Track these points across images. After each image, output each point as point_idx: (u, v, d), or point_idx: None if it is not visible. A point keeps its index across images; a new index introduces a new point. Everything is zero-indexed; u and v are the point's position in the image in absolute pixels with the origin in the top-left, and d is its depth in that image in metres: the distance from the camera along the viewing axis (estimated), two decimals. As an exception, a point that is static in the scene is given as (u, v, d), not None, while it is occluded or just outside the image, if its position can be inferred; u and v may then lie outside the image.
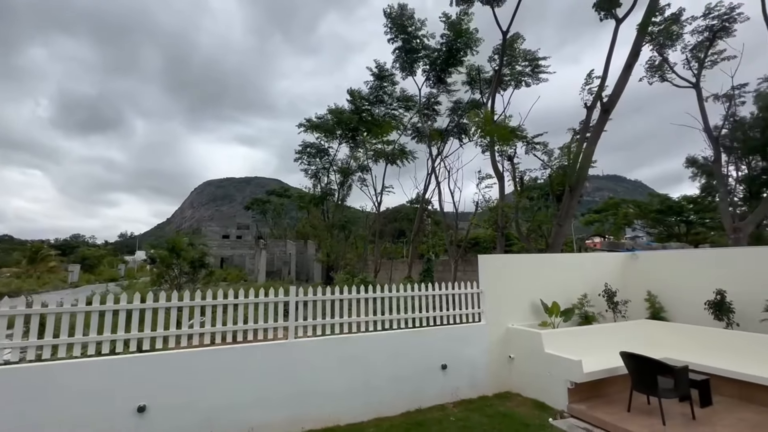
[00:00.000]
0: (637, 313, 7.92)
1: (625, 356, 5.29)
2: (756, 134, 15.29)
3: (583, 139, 11.00)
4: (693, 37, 14.30)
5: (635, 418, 5.02)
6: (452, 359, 6.28)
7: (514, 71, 15.56)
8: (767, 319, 6.15)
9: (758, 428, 4.68)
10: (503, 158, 12.49)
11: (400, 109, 20.71)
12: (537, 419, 5.39)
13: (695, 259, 7.90)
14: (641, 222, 26.36)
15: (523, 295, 7.33)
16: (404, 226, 31.59)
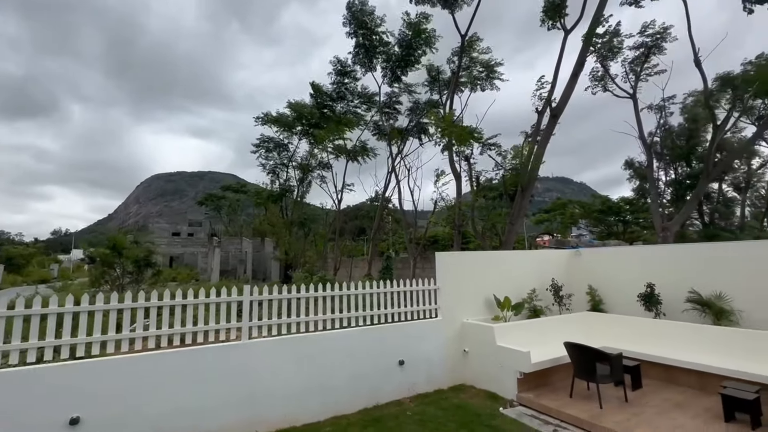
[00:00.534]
0: (580, 306, 8.51)
1: (568, 346, 5.67)
2: (682, 143, 17.04)
3: (534, 142, 11.64)
4: (631, 51, 15.63)
5: (576, 403, 5.40)
6: (409, 355, 6.38)
7: (471, 75, 16.09)
8: (688, 309, 6.87)
9: (680, 407, 5.21)
10: (461, 158, 12.92)
11: (362, 107, 20.66)
12: (489, 409, 5.62)
13: (629, 256, 8.62)
14: (585, 221, 28.23)
15: (477, 291, 7.60)
16: (365, 224, 31.61)
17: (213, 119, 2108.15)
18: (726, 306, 6.47)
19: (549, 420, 5.19)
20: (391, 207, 26.05)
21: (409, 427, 5.07)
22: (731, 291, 6.49)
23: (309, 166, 22.44)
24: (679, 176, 17.69)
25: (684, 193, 17.01)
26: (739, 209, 17.52)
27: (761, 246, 6.87)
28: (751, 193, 17.52)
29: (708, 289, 6.73)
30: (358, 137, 21.07)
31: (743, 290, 6.37)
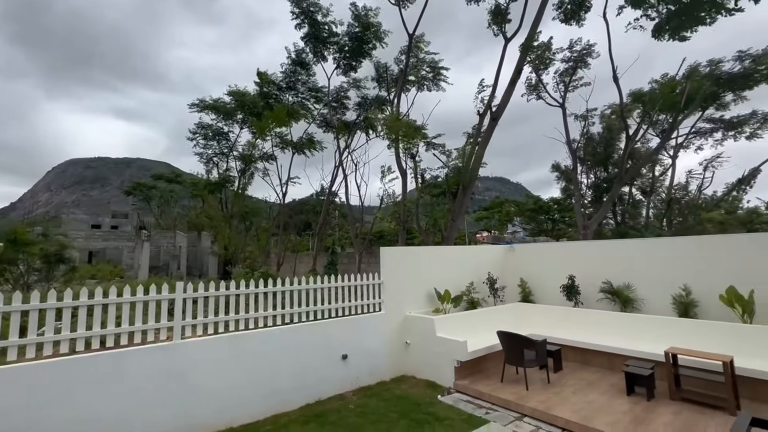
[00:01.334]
0: (512, 297, 9.18)
1: (500, 335, 6.11)
2: (601, 150, 19.08)
3: (475, 142, 12.27)
4: (561, 64, 17.08)
5: (507, 387, 5.85)
6: (353, 349, 6.43)
7: (418, 75, 16.47)
8: (602, 299, 7.74)
9: (592, 385, 5.87)
10: (406, 156, 13.20)
11: (311, 99, 20.15)
12: (428, 398, 5.87)
13: (554, 251, 9.46)
14: (519, 219, 30.21)
15: (420, 285, 7.87)
16: (310, 219, 30.96)
17: (143, 100, 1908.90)
18: (631, 295, 7.39)
19: (482, 404, 5.56)
20: (338, 202, 25.86)
21: (350, 420, 5.13)
22: (636, 281, 7.43)
23: (251, 157, 21.43)
24: (598, 180, 19.76)
25: (602, 195, 19.04)
26: (644, 210, 20.00)
27: (656, 243, 7.93)
28: (654, 197, 20.09)
29: (618, 280, 7.63)
30: (305, 130, 20.58)
31: (644, 280, 7.33)
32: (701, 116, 17.61)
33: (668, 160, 19.39)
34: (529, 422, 4.94)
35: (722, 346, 5.45)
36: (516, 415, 5.14)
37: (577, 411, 4.90)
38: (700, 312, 6.52)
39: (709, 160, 18.85)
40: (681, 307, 6.65)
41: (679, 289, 6.76)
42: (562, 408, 5.01)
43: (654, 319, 6.64)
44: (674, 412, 4.82)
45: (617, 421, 4.58)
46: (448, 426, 4.86)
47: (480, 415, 5.17)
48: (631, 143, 17.45)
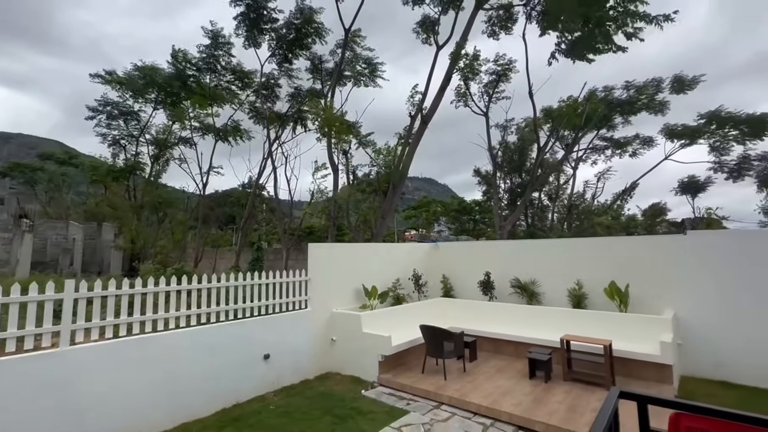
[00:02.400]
0: (435, 293, 9.67)
1: (422, 328, 6.39)
2: (516, 158, 21.04)
3: (406, 143, 12.66)
4: (486, 76, 18.40)
5: (427, 378, 6.14)
6: (276, 348, 6.21)
7: (354, 70, 16.44)
8: (512, 293, 8.54)
9: (501, 371, 6.45)
10: (339, 151, 13.10)
11: (236, 83, 18.80)
12: (352, 393, 5.92)
13: (474, 249, 10.18)
14: (445, 219, 31.81)
15: (348, 281, 7.88)
16: (235, 212, 29.06)
17: (34, 65, 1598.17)
18: (536, 289, 8.27)
19: (404, 395, 5.77)
20: (266, 195, 24.72)
21: (271, 422, 4.96)
22: (540, 277, 8.33)
23: (167, 142, 19.37)
24: (514, 185, 21.75)
25: (516, 199, 20.98)
26: (550, 214, 22.52)
27: (557, 243, 8.99)
28: (558, 203, 22.73)
29: (526, 276, 8.48)
30: (230, 116, 19.20)
31: (547, 276, 8.25)
32: (597, 135, 20.38)
33: (570, 171, 22.11)
34: (446, 410, 5.26)
35: (605, 332, 6.37)
36: (434, 404, 5.44)
37: (487, 396, 5.34)
38: (590, 303, 7.54)
39: (602, 173, 21.92)
40: (575, 299, 7.62)
41: (574, 283, 7.75)
42: (474, 394, 5.42)
43: (553, 311, 7.52)
44: (566, 391, 5.52)
45: (520, 403, 5.10)
46: (371, 419, 4.95)
47: (401, 407, 5.35)
48: (542, 154, 19.51)
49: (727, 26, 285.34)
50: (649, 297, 6.93)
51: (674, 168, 20.36)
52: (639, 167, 25.64)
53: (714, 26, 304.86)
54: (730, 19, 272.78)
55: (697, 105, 19.18)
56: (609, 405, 1.69)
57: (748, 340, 5.97)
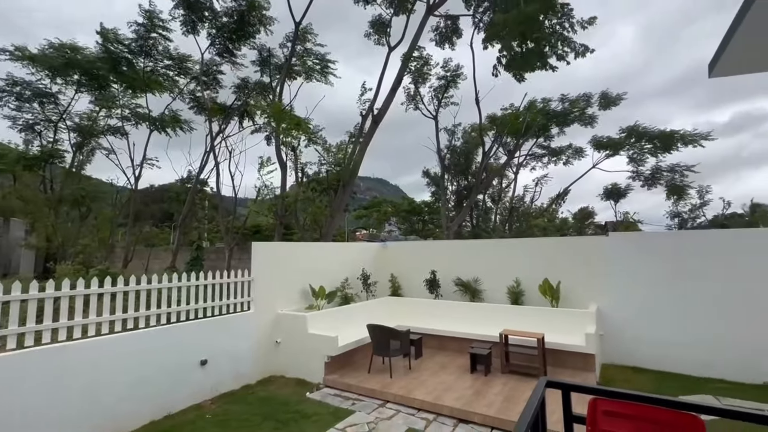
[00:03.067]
0: (383, 292, 9.74)
1: (369, 328, 6.40)
2: (462, 161, 21.94)
3: (357, 142, 12.62)
4: (436, 81, 18.96)
5: (374, 377, 6.16)
6: (215, 353, 5.87)
7: (305, 66, 16.05)
8: (456, 291, 8.85)
9: (445, 367, 6.66)
10: (287, 148, 12.68)
11: (174, 69, 17.42)
12: (296, 396, 5.76)
13: (421, 249, 10.42)
14: (396, 219, 32.21)
15: (294, 281, 7.67)
16: (174, 209, 26.99)
17: None
18: (478, 287, 8.66)
19: (350, 396, 5.74)
20: (209, 191, 23.31)
21: (207, 431, 4.66)
22: (482, 275, 8.73)
23: (93, 130, 17.42)
24: (460, 187, 22.64)
25: (462, 200, 21.85)
26: (493, 216, 23.76)
27: (498, 243, 9.49)
28: (500, 205, 24.05)
29: (469, 274, 8.85)
30: (167, 105, 17.75)
31: (488, 275, 8.67)
32: (535, 143, 21.86)
33: (512, 175, 23.49)
34: (391, 407, 5.31)
35: (539, 325, 6.83)
36: (380, 402, 5.46)
37: (431, 392, 5.48)
38: (526, 299, 8.05)
39: (539, 179, 23.54)
40: (513, 296, 8.10)
41: (512, 281, 8.22)
42: (419, 391, 5.53)
43: (494, 307, 7.92)
44: (503, 383, 5.83)
45: (461, 396, 5.30)
46: (315, 422, 4.86)
47: (347, 407, 5.31)
48: (486, 158, 20.52)
49: (648, 52, 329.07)
50: (577, 293, 7.56)
51: (600, 176, 22.53)
52: (571, 174, 28.03)
53: (638, 51, 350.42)
54: (651, 46, 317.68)
55: (622, 120, 21.25)
56: (537, 394, 1.80)
57: (655, 331, 6.74)
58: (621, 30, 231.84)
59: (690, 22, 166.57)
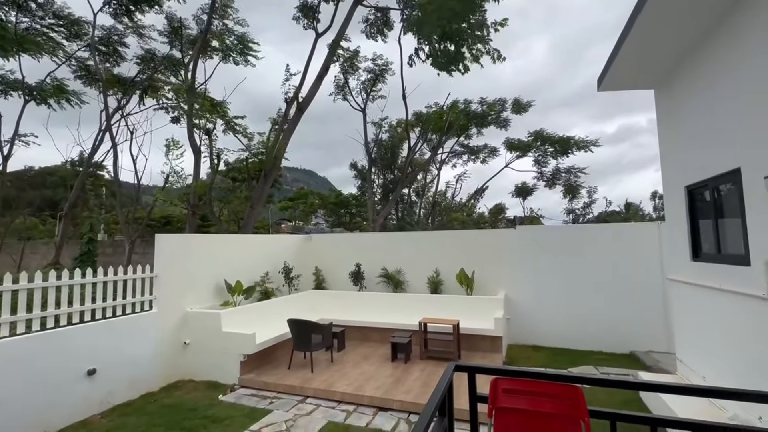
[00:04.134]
0: (307, 285, 9.50)
1: (290, 322, 6.19)
2: (389, 155, 22.38)
3: (281, 129, 12.01)
4: (365, 73, 18.95)
5: (294, 373, 5.97)
6: (107, 359, 5.15)
7: (224, 44, 14.72)
8: (380, 282, 9.00)
9: (367, 358, 6.73)
10: (201, 132, 11.53)
11: (61, 31, 14.66)
12: (207, 400, 5.33)
13: (347, 241, 10.37)
14: (323, 211, 31.69)
15: (208, 277, 7.07)
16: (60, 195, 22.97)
17: None
18: (401, 278, 8.91)
19: (267, 394, 5.49)
20: (106, 176, 20.38)
21: (94, 451, 4.07)
22: (405, 267, 9.00)
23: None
24: (387, 180, 23.07)
25: (388, 193, 22.30)
26: (417, 209, 24.70)
27: (420, 236, 9.87)
28: (424, 199, 25.10)
29: (393, 266, 9.05)
30: (49, 72, 14.86)
31: (411, 266, 8.96)
32: (457, 141, 23.16)
33: (435, 171, 24.62)
34: (311, 402, 5.20)
35: (455, 313, 7.26)
36: (300, 398, 5.32)
37: (352, 383, 5.50)
38: (445, 288, 8.50)
39: (460, 175, 25.05)
40: (433, 285, 8.49)
41: (432, 272, 8.62)
42: (340, 383, 5.51)
43: (415, 297, 8.22)
44: (422, 369, 6.09)
45: (382, 385, 5.40)
46: (227, 426, 4.54)
47: (263, 407, 5.07)
48: (412, 153, 21.17)
49: (556, 66, 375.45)
50: (489, 281, 8.20)
51: (512, 175, 24.79)
52: (488, 172, 30.32)
53: (549, 64, 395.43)
54: (559, 61, 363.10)
55: (534, 124, 23.48)
56: (445, 378, 1.86)
57: (550, 313, 7.63)
58: (536, 44, 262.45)
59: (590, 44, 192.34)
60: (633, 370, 5.98)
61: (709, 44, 3.90)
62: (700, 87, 4.14)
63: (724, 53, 3.64)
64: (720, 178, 3.81)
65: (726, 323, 3.80)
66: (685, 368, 4.80)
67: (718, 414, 3.67)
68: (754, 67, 3.20)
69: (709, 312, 4.13)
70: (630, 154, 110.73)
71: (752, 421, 3.25)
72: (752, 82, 3.23)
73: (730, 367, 3.78)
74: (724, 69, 3.67)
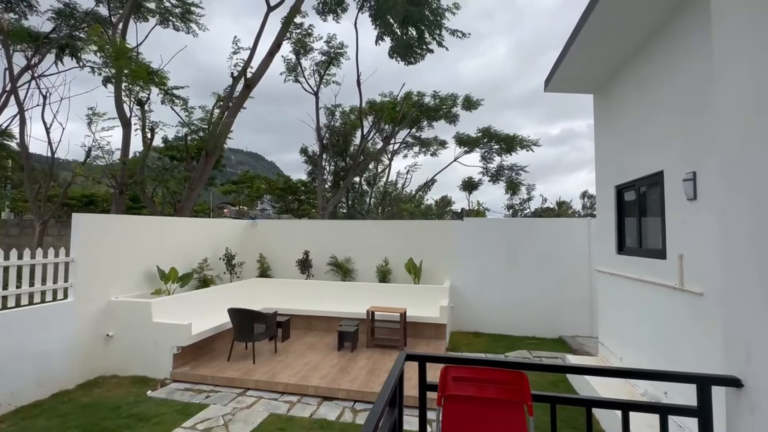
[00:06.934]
0: (251, 273, 9.06)
1: (231, 312, 5.84)
2: (341, 142, 22.00)
3: (225, 107, 11.17)
4: (319, 55, 18.27)
5: (233, 365, 5.67)
6: (10, 356, 4.48)
7: (161, 5, 13.23)
8: (329, 270, 8.85)
9: (312, 347, 6.59)
10: (132, 101, 10.27)
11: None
12: (133, 397, 4.88)
13: (295, 228, 10.02)
14: (270, 197, 30.50)
15: (136, 263, 6.42)
16: (-53, 165, 19.47)
17: None
18: (351, 266, 8.83)
19: (203, 388, 5.15)
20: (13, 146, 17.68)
21: (-11, 460, 3.53)
22: (355, 255, 8.93)
23: None
24: (338, 168, 22.69)
25: (339, 181, 21.96)
26: (368, 198, 24.66)
27: (371, 224, 9.84)
28: (375, 188, 25.11)
29: (342, 254, 8.93)
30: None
31: (360, 254, 8.91)
32: (409, 132, 23.36)
33: (387, 161, 24.67)
34: (252, 395, 4.97)
35: (402, 301, 7.36)
36: (239, 391, 5.06)
37: (296, 373, 5.34)
38: (393, 277, 8.58)
39: (411, 167, 25.36)
40: (381, 274, 8.53)
41: (382, 260, 8.64)
42: (284, 374, 5.33)
43: (363, 285, 8.20)
44: (368, 357, 6.10)
45: (327, 374, 5.32)
46: (156, 424, 4.18)
47: (198, 402, 4.75)
48: (364, 141, 20.98)
49: (515, 66, 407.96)
50: (436, 270, 8.42)
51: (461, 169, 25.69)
52: (437, 165, 31.08)
53: (507, 65, 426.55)
54: (518, 61, 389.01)
55: (487, 121, 24.27)
56: (396, 368, 1.82)
57: (490, 301, 8.04)
58: (499, 44, 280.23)
59: (549, 48, 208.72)
60: (561, 354, 6.51)
61: (641, 57, 4.24)
62: (632, 95, 4.50)
63: (654, 67, 3.97)
64: (645, 179, 4.19)
65: (642, 310, 4.23)
66: (605, 351, 5.31)
67: (632, 391, 4.10)
68: (677, 82, 3.52)
69: (629, 300, 4.58)
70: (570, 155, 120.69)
71: (660, 397, 3.67)
72: (675, 95, 3.56)
73: (643, 349, 4.23)
74: (652, 81, 4.01)
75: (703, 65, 3.10)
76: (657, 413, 1.88)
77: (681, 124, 3.49)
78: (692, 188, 3.24)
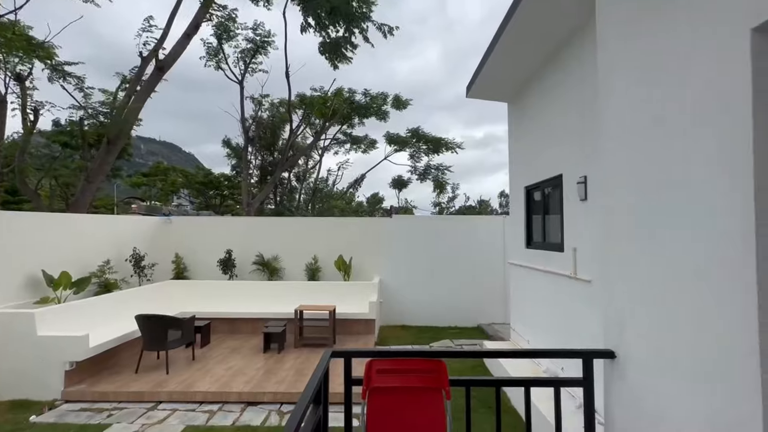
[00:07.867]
0: (164, 275, 8.25)
1: (139, 318, 5.27)
2: (268, 135, 21.02)
3: (132, 90, 9.92)
4: (244, 42, 17.19)
5: (142, 377, 5.12)
6: None
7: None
8: (254, 270, 8.43)
9: (236, 351, 6.24)
10: (9, 76, 8.53)
11: None
12: (10, 425, 4.14)
13: (216, 225, 9.37)
14: (187, 191, 28.11)
15: (15, 268, 5.46)
16: None
17: None
18: (278, 265, 8.52)
19: (105, 406, 4.57)
20: None
21: None
22: (282, 253, 8.63)
23: None
24: (265, 162, 21.67)
25: (266, 176, 21.00)
26: (297, 195, 23.98)
27: (299, 222, 9.61)
28: (305, 185, 24.50)
29: (269, 252, 8.58)
30: None
31: (288, 252, 8.65)
32: (340, 129, 23.21)
33: (317, 157, 24.22)
34: (165, 408, 4.55)
35: (332, 299, 7.32)
36: (150, 406, 4.60)
37: (217, 380, 5.02)
38: (323, 275, 8.48)
39: (341, 163, 25.23)
40: (310, 272, 8.38)
41: (311, 258, 8.49)
42: (202, 382, 4.97)
43: (292, 284, 7.98)
44: (296, 357, 5.96)
45: (252, 378, 5.08)
46: (42, 453, 3.61)
47: (98, 422, 4.21)
48: (294, 136, 20.34)
49: (446, 70, 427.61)
50: (366, 267, 8.52)
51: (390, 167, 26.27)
52: (368, 162, 31.44)
53: (438, 69, 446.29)
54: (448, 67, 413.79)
55: (417, 122, 25.00)
56: (321, 367, 1.82)
57: (417, 294, 8.40)
58: (431, 48, 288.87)
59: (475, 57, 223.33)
60: (479, 340, 7.06)
61: (549, 68, 4.76)
62: (538, 105, 5.04)
63: (558, 78, 4.49)
64: (549, 181, 4.72)
65: (543, 297, 4.78)
66: (516, 335, 5.89)
67: (537, 369, 4.62)
68: (573, 95, 4.04)
69: (534, 288, 5.14)
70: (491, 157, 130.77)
71: (558, 372, 4.19)
72: (571, 105, 4.07)
73: (546, 332, 4.79)
74: (554, 92, 4.54)
75: (595, 79, 3.60)
76: (551, 386, 2.15)
77: (575, 131, 4.00)
78: (584, 190, 3.75)
